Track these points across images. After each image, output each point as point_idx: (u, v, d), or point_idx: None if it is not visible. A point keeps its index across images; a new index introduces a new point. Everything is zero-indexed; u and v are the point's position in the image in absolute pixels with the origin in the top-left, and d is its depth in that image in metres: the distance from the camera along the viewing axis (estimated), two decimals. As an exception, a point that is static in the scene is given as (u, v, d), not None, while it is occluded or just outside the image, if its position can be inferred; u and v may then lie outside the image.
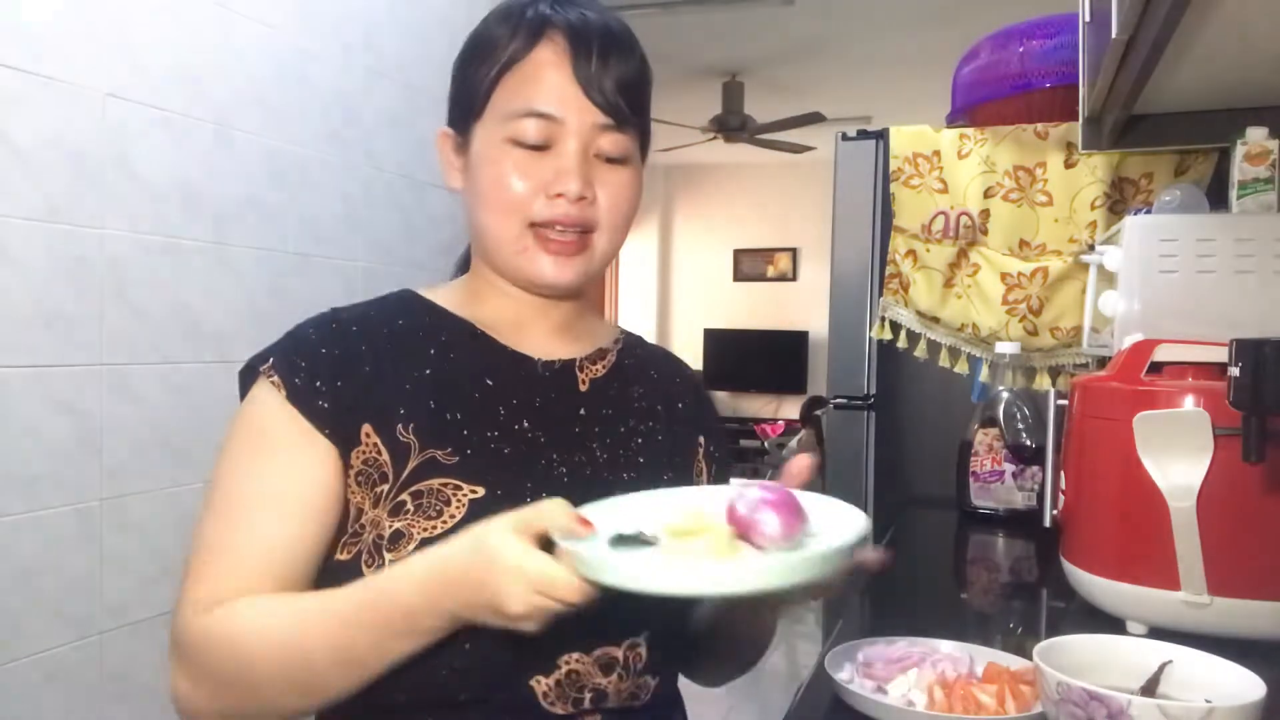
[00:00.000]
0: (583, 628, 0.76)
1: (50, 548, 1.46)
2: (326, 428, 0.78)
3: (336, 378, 0.80)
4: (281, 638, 0.73)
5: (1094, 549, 1.08)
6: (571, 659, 0.78)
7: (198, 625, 0.75)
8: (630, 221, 0.89)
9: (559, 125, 0.82)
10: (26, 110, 1.41)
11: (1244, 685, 0.67)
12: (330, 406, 0.79)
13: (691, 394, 0.99)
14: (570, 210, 0.82)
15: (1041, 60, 1.83)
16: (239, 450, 0.81)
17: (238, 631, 0.74)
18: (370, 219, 2.13)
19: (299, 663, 0.72)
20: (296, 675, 0.72)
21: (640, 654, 0.81)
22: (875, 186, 2.06)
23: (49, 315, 1.45)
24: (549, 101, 0.82)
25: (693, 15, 4.56)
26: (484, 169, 0.85)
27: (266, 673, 0.73)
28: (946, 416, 1.96)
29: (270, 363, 0.81)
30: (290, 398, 0.78)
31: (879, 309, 2.00)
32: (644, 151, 0.90)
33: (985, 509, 1.67)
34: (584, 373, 0.90)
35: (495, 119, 0.84)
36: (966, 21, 3.87)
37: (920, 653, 0.90)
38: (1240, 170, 1.23)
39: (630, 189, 0.87)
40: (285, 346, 0.83)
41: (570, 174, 0.82)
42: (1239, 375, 0.86)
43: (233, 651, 0.74)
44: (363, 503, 0.79)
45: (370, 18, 2.09)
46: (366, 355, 0.82)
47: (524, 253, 0.84)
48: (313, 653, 0.72)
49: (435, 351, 0.85)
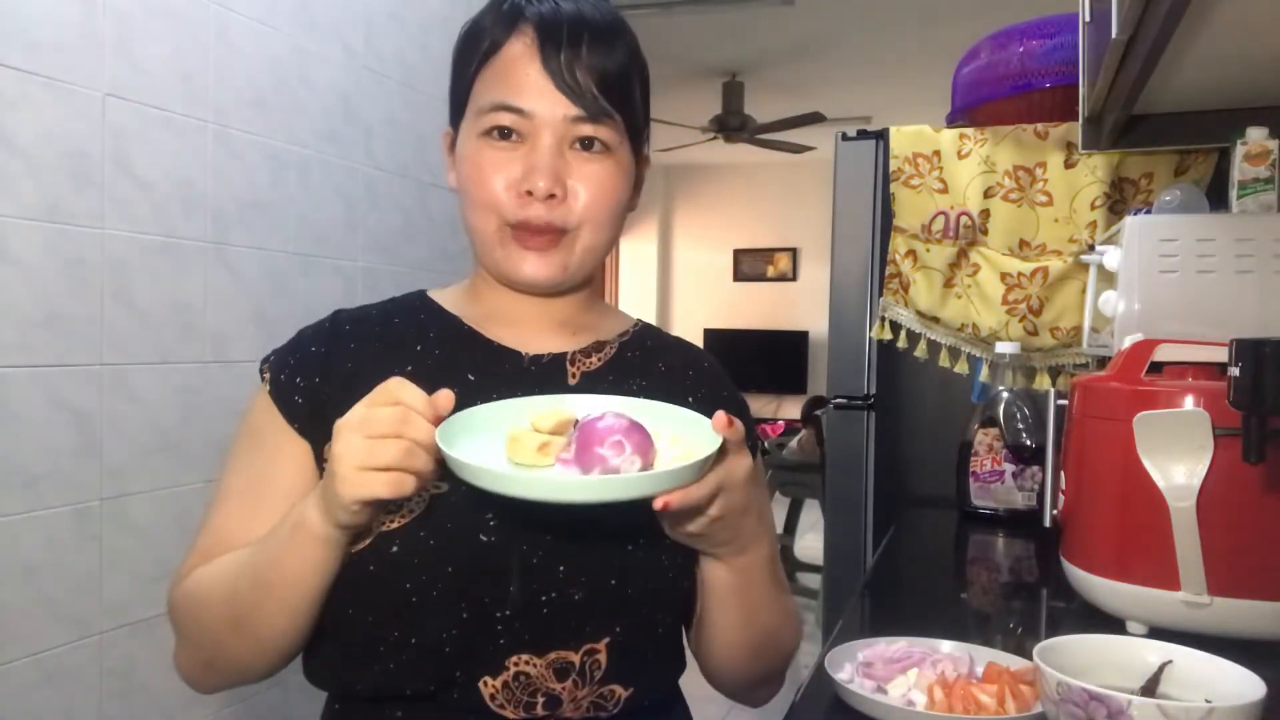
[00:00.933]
0: (533, 627, 0.77)
1: (50, 548, 1.46)
2: (297, 422, 0.82)
3: (317, 374, 0.83)
4: (215, 578, 0.78)
5: (1094, 549, 1.07)
6: (521, 660, 0.77)
7: (176, 594, 0.82)
8: (616, 214, 0.86)
9: (529, 119, 0.81)
10: (26, 110, 1.41)
11: (1244, 685, 0.67)
12: (304, 402, 0.82)
13: (709, 386, 0.94)
14: (539, 210, 0.81)
15: (1041, 60, 1.83)
16: (235, 444, 0.86)
17: (193, 587, 0.80)
18: (370, 219, 2.13)
19: (226, 596, 0.77)
20: (227, 610, 0.77)
21: (599, 660, 0.79)
22: (875, 186, 2.06)
23: (49, 315, 1.45)
24: (517, 94, 0.80)
25: (693, 15, 4.56)
26: (463, 166, 0.85)
27: (209, 617, 0.78)
28: (946, 416, 1.96)
29: (269, 361, 0.86)
30: (272, 393, 0.83)
31: (879, 309, 2.00)
32: (636, 141, 0.87)
33: (985, 509, 1.67)
34: (575, 366, 0.88)
35: (473, 114, 0.84)
36: (966, 21, 3.87)
37: (920, 653, 0.90)
38: (1240, 170, 1.23)
39: (611, 181, 0.84)
40: (286, 345, 0.87)
41: (538, 170, 0.80)
42: (1239, 375, 0.86)
43: (190, 605, 0.80)
44: None
45: (370, 18, 2.09)
46: (352, 352, 0.84)
47: (502, 250, 0.84)
48: (236, 584, 0.76)
49: (421, 347, 0.86)
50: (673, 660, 0.88)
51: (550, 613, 0.77)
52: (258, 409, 0.84)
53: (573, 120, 0.81)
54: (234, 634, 0.77)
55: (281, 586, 0.74)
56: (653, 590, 0.81)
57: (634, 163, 0.88)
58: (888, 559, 1.53)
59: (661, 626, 0.84)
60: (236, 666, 0.80)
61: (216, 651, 0.80)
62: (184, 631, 0.82)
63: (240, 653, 0.78)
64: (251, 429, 0.85)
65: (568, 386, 0.86)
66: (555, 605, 0.78)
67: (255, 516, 0.81)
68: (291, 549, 0.73)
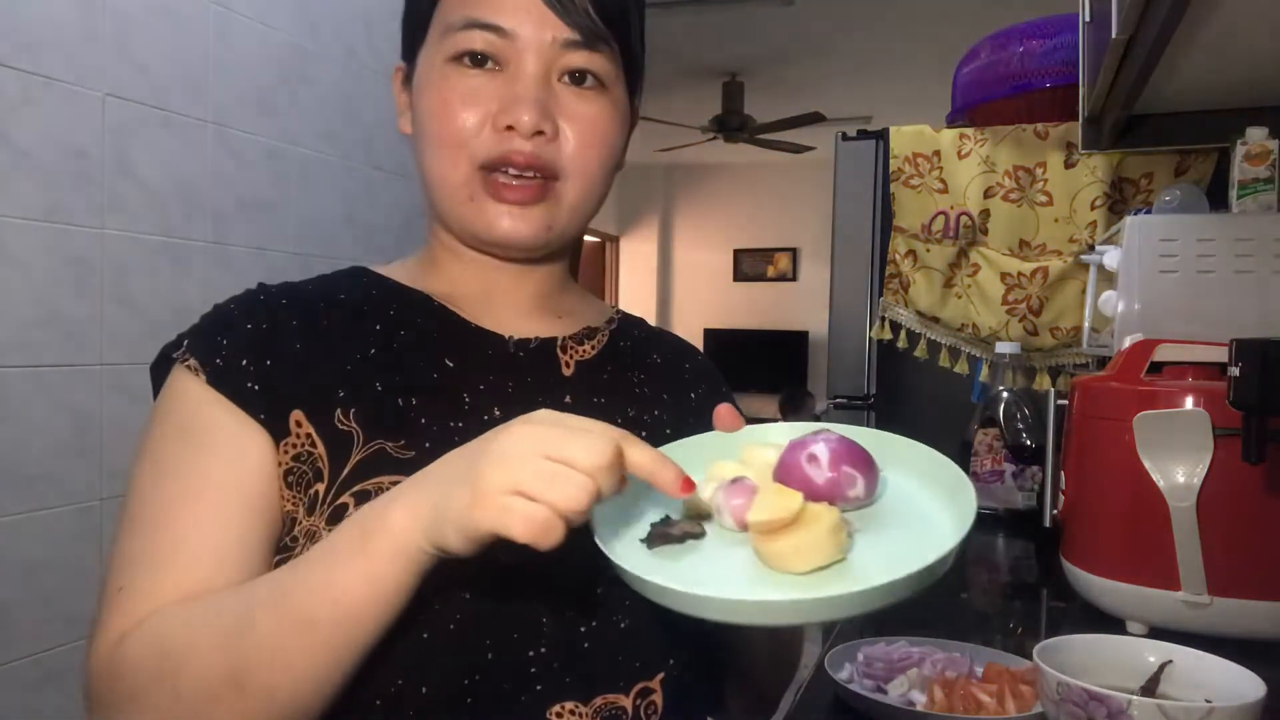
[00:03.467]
0: (573, 666, 0.62)
1: (50, 547, 1.46)
2: (261, 412, 0.64)
3: (264, 356, 0.65)
4: (201, 619, 0.57)
5: (1094, 549, 1.07)
6: (564, 709, 0.62)
7: (116, 655, 0.58)
8: (610, 167, 0.72)
9: (510, 40, 0.66)
10: (26, 110, 1.41)
11: (1244, 685, 0.67)
12: (259, 388, 0.64)
13: (706, 383, 0.84)
14: (523, 147, 0.66)
15: (1041, 60, 1.83)
16: (157, 451, 0.65)
17: (154, 639, 0.57)
18: (370, 219, 2.13)
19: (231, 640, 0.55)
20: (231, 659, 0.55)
21: (654, 702, 0.65)
22: (875, 186, 2.06)
23: (49, 315, 1.45)
24: (496, 10, 0.66)
25: (693, 15, 4.56)
26: (424, 99, 0.69)
27: (196, 671, 0.55)
28: (946, 416, 1.96)
29: (185, 346, 0.67)
30: (212, 381, 0.64)
31: (879, 309, 2.00)
32: (633, 81, 0.74)
33: (985, 509, 1.67)
34: (567, 354, 0.75)
35: (438, 34, 0.69)
36: (966, 21, 3.87)
37: (920, 653, 0.90)
38: (1240, 170, 1.23)
39: (606, 123, 0.70)
40: (202, 327, 0.69)
41: (523, 102, 0.65)
42: (1239, 375, 0.86)
43: (153, 665, 0.56)
44: (295, 509, 0.63)
45: (370, 18, 2.09)
46: (297, 331, 0.67)
47: (471, 202, 0.68)
48: (250, 618, 0.55)
49: (382, 327, 0.70)
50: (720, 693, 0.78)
51: (592, 646, 0.64)
52: (186, 403, 0.65)
53: (563, 45, 0.67)
54: (235, 693, 0.54)
55: (330, 622, 0.53)
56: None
57: (629, 109, 0.75)
58: (888, 559, 1.53)
59: (722, 651, 0.73)
60: None
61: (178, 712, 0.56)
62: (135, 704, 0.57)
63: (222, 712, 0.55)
64: (181, 425, 0.64)
65: (563, 378, 0.74)
66: (597, 637, 0.64)
67: (225, 521, 0.61)
68: (356, 567, 0.53)
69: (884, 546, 0.54)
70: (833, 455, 0.56)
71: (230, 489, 0.62)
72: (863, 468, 0.57)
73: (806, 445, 0.56)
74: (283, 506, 0.64)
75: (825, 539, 0.51)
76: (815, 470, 0.55)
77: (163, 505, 0.62)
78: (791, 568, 0.51)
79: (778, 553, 0.51)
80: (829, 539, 0.51)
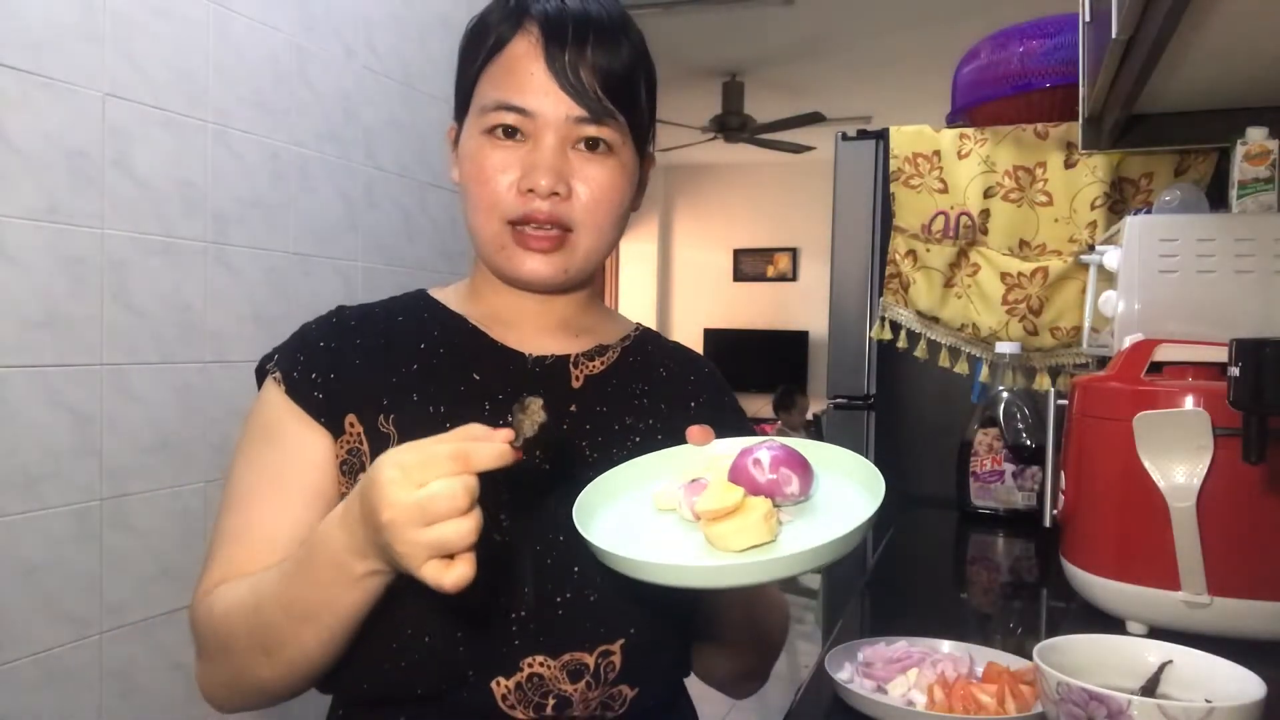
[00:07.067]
0: (547, 628, 0.77)
1: (50, 548, 1.46)
2: (323, 416, 0.81)
3: (330, 370, 0.82)
4: (242, 600, 0.75)
5: (1094, 549, 1.07)
6: (535, 661, 0.77)
7: (200, 609, 0.79)
8: (617, 216, 0.86)
9: (532, 118, 0.80)
10: (26, 110, 1.41)
11: (1244, 685, 0.67)
12: (324, 396, 0.81)
13: (710, 392, 0.95)
14: (542, 206, 0.80)
15: (1041, 60, 1.83)
16: (246, 446, 0.83)
17: (219, 605, 0.76)
18: (370, 219, 2.13)
19: (257, 622, 0.73)
20: (258, 635, 0.73)
21: (614, 662, 0.78)
22: (875, 186, 2.06)
23: (49, 315, 1.45)
24: (521, 94, 0.80)
25: (693, 15, 4.56)
26: (465, 164, 0.84)
27: (238, 639, 0.75)
28: (946, 416, 1.96)
29: (275, 360, 0.84)
30: (289, 391, 0.82)
31: (879, 309, 2.00)
32: (640, 140, 0.87)
33: (985, 509, 1.67)
34: (578, 369, 0.88)
35: (476, 111, 0.83)
36: (966, 21, 3.87)
37: (920, 653, 0.90)
38: (1240, 170, 1.23)
39: (613, 183, 0.83)
40: (289, 343, 0.86)
41: (540, 169, 0.79)
42: (1239, 375, 0.86)
43: (214, 624, 0.76)
44: (347, 491, 0.76)
45: (370, 18, 2.08)
46: (360, 349, 0.84)
47: (503, 250, 0.83)
48: (267, 612, 0.72)
49: (425, 346, 0.85)
50: (681, 660, 0.88)
51: (565, 614, 0.78)
52: (269, 406, 0.83)
53: (576, 120, 0.80)
54: (266, 659, 0.74)
55: (332, 619, 0.70)
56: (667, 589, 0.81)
57: (638, 162, 0.88)
58: (888, 559, 1.53)
59: (675, 626, 0.84)
60: (261, 689, 0.77)
61: (242, 674, 0.77)
62: (207, 651, 0.79)
63: (269, 676, 0.75)
64: (264, 426, 0.83)
65: (571, 390, 0.87)
66: (570, 606, 0.78)
67: (285, 509, 0.79)
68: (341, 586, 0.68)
69: (809, 531, 0.67)
70: (773, 460, 0.69)
71: (295, 483, 0.80)
72: (799, 470, 0.70)
73: (753, 451, 0.70)
74: (339, 490, 0.80)
75: (759, 523, 0.65)
76: (759, 472, 0.69)
77: (244, 492, 0.81)
78: (730, 546, 0.65)
79: (719, 534, 0.65)
80: (762, 524, 0.65)
